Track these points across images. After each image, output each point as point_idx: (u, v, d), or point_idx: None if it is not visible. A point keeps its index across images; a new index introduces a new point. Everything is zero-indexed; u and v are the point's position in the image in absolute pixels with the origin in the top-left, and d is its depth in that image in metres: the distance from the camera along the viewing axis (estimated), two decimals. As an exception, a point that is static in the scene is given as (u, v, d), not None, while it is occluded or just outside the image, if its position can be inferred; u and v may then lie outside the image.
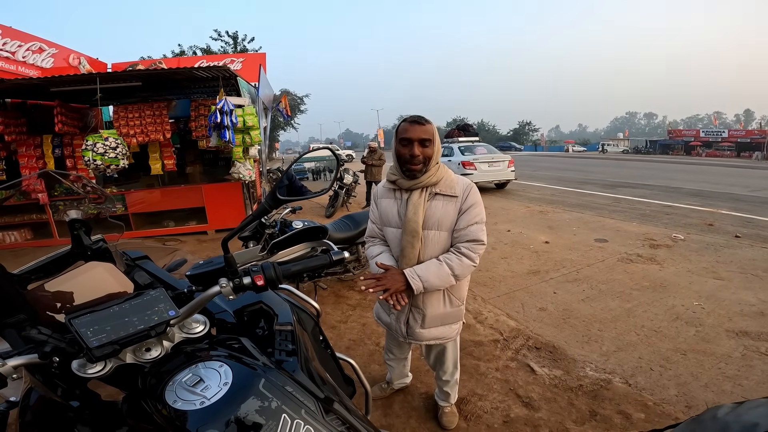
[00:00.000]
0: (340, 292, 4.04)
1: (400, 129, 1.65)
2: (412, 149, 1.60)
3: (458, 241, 1.67)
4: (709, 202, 8.71)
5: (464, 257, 1.64)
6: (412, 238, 1.66)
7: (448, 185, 1.68)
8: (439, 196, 1.67)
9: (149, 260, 1.24)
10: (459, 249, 1.66)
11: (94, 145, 5.61)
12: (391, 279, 1.60)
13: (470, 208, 1.66)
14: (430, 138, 1.61)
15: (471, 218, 1.66)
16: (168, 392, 0.71)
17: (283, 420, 0.69)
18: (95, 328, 0.73)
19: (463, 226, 1.66)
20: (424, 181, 1.65)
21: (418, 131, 1.60)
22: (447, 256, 1.66)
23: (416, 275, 1.61)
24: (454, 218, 1.67)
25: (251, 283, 0.87)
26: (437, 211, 1.67)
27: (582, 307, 3.58)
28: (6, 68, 7.35)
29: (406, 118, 1.66)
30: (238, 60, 11.61)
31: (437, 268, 1.63)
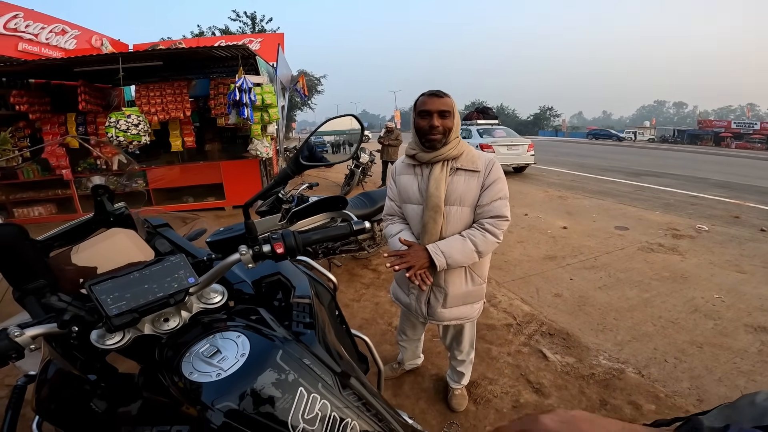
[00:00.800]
0: (354, 271, 4.07)
1: (418, 102, 1.64)
2: (431, 120, 1.58)
3: (481, 216, 1.65)
4: (736, 194, 8.42)
5: (488, 233, 1.62)
6: (435, 214, 1.63)
7: (470, 160, 1.65)
8: (461, 171, 1.64)
9: (170, 228, 1.23)
10: (482, 225, 1.63)
11: (117, 122, 5.78)
12: (415, 255, 1.59)
13: (493, 183, 1.63)
14: (449, 110, 1.59)
15: (494, 194, 1.63)
16: (185, 364, 0.70)
17: (299, 393, 0.68)
18: (115, 295, 0.73)
19: (486, 201, 1.63)
20: (444, 153, 1.62)
21: (437, 103, 1.58)
22: (470, 232, 1.64)
23: (439, 251, 1.60)
24: (477, 194, 1.64)
25: (271, 251, 0.84)
26: (459, 187, 1.64)
27: (598, 294, 3.53)
28: (29, 50, 7.46)
29: (424, 92, 1.65)
30: (257, 40, 11.56)
31: (461, 244, 1.61)
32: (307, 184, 4.08)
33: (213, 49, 6.07)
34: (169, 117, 6.62)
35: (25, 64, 6.09)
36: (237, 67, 6.31)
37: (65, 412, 0.75)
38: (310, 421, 0.67)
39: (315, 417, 0.68)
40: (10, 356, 0.65)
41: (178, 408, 0.68)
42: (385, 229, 1.88)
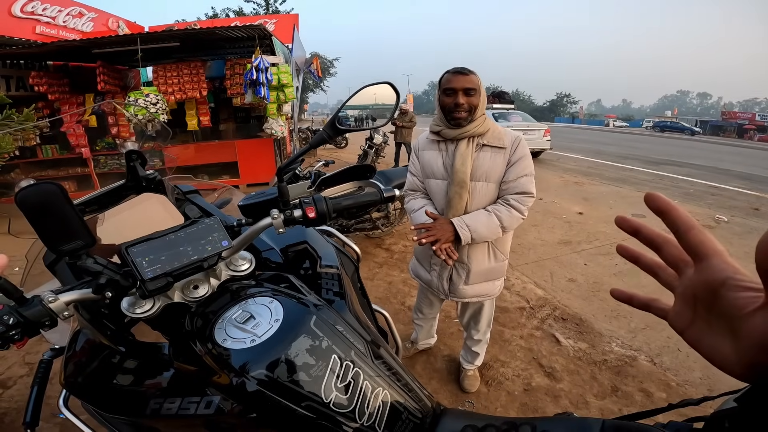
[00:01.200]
0: (368, 249, 4.08)
1: (443, 80, 1.61)
2: (456, 98, 1.56)
3: (507, 193, 1.65)
4: (759, 187, 8.21)
5: (513, 209, 1.61)
6: (461, 189, 1.63)
7: (496, 137, 1.64)
8: (487, 147, 1.63)
9: (199, 195, 1.23)
10: (508, 201, 1.63)
11: (135, 101, 5.91)
12: (441, 229, 1.59)
13: (520, 160, 1.63)
14: (474, 87, 1.57)
15: (521, 170, 1.62)
16: (218, 330, 0.69)
17: (333, 360, 0.67)
18: (150, 257, 0.72)
19: (512, 178, 1.63)
20: (470, 130, 1.61)
21: (462, 81, 1.56)
22: (496, 207, 1.64)
23: (465, 225, 1.60)
24: (503, 170, 1.64)
25: (302, 215, 0.84)
26: (485, 163, 1.63)
27: (613, 281, 3.50)
28: (47, 32, 7.49)
29: (449, 69, 1.62)
30: (271, 21, 11.44)
31: (486, 218, 1.61)
32: (323, 161, 4.09)
33: (230, 29, 6.09)
34: (186, 97, 6.76)
35: (43, 47, 6.17)
36: (252, 48, 6.34)
37: (94, 386, 0.75)
38: (342, 389, 0.66)
39: (348, 385, 0.67)
40: (43, 324, 0.63)
41: (209, 378, 0.68)
42: (407, 204, 1.87)
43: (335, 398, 0.65)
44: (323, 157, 5.60)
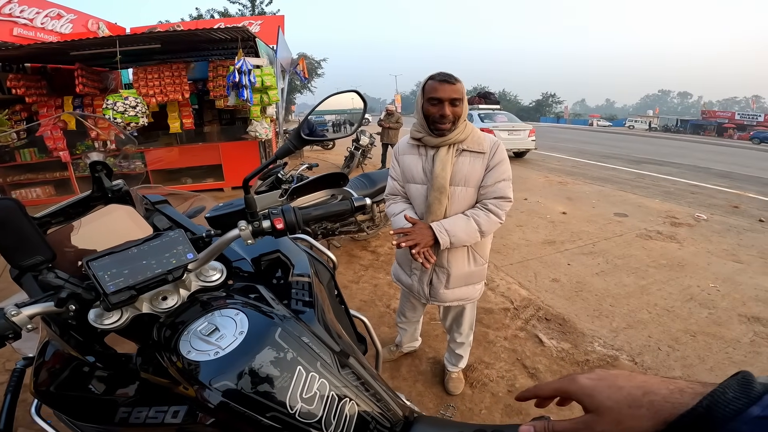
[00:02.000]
0: (353, 252, 4.07)
1: (428, 87, 1.58)
2: (442, 109, 1.55)
3: (485, 197, 1.66)
4: (737, 185, 8.40)
5: (491, 213, 1.63)
6: (440, 194, 1.64)
7: (476, 141, 1.65)
8: (467, 152, 1.64)
9: (169, 204, 1.22)
10: (486, 205, 1.65)
11: (114, 104, 5.78)
12: (420, 233, 1.60)
13: (498, 164, 1.65)
14: (460, 97, 1.56)
15: (498, 175, 1.64)
16: (182, 342, 0.70)
17: (298, 372, 0.68)
18: (113, 271, 0.72)
19: (490, 182, 1.64)
20: (452, 138, 1.61)
21: (449, 91, 1.54)
22: (474, 212, 1.65)
23: (444, 229, 1.60)
24: (481, 174, 1.65)
25: (271, 226, 0.83)
26: (464, 167, 1.64)
27: (595, 280, 3.55)
28: (25, 35, 7.43)
29: (434, 75, 1.59)
30: (257, 22, 11.41)
31: (465, 223, 1.62)
32: (306, 165, 4.05)
33: (212, 31, 6.03)
34: (168, 99, 6.68)
35: (20, 49, 6.06)
36: (236, 49, 6.30)
37: (64, 395, 0.74)
38: (308, 400, 0.66)
39: (313, 396, 0.67)
40: (6, 336, 0.64)
41: (176, 388, 0.68)
42: (388, 208, 1.87)
43: (301, 409, 0.65)
44: (308, 160, 5.57)
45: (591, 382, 0.48)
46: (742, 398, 0.36)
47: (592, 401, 0.46)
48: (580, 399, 0.48)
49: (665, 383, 0.43)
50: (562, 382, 0.51)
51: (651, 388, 0.43)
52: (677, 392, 0.41)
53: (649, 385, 0.43)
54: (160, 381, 0.70)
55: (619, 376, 0.47)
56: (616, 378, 0.47)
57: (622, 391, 0.45)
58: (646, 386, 0.43)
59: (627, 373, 0.47)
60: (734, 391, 0.37)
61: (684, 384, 0.41)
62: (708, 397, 0.38)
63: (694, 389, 0.40)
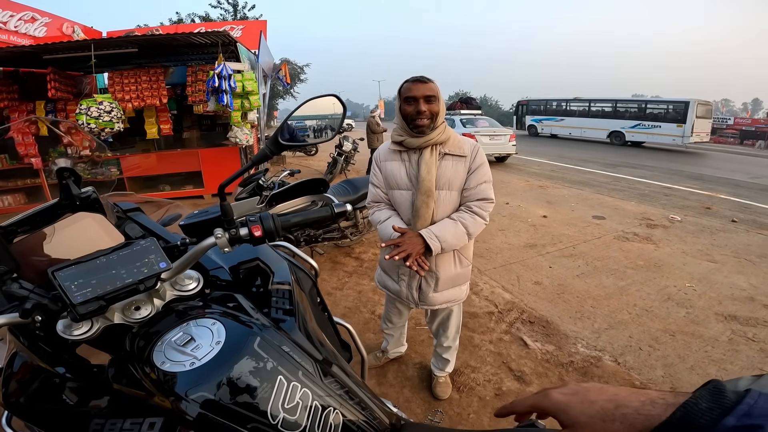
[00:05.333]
0: (337, 258, 4.05)
1: (403, 89, 1.64)
2: (417, 106, 1.59)
3: (468, 200, 1.70)
4: (709, 186, 8.69)
5: (476, 215, 1.66)
6: (427, 198, 1.65)
7: (457, 145, 1.69)
8: (449, 156, 1.68)
9: (141, 212, 1.19)
10: (470, 208, 1.68)
11: (88, 109, 5.66)
12: (411, 242, 1.60)
13: (479, 167, 1.69)
14: (434, 95, 1.60)
15: (480, 177, 1.68)
16: (156, 353, 0.68)
17: (279, 381, 0.66)
18: (80, 281, 0.69)
19: (473, 185, 1.68)
20: (433, 138, 1.64)
21: (422, 88, 1.59)
22: (460, 215, 1.68)
23: (434, 235, 1.62)
24: (464, 178, 1.69)
25: (248, 234, 0.82)
26: (448, 171, 1.67)
27: (576, 282, 3.61)
28: None
29: (408, 78, 1.65)
30: (238, 27, 11.31)
31: (453, 227, 1.64)
32: (288, 171, 4.02)
33: (192, 36, 5.97)
34: (145, 104, 6.54)
35: None
36: (217, 54, 6.20)
37: (35, 407, 0.72)
38: (290, 410, 0.65)
39: (296, 406, 0.66)
40: None
41: (152, 399, 0.66)
42: (372, 216, 1.87)
43: (283, 419, 0.64)
44: (291, 166, 5.52)
45: (564, 397, 0.49)
46: (715, 409, 0.37)
47: (567, 417, 0.47)
48: (555, 414, 0.49)
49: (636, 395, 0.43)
50: (537, 398, 0.52)
51: (622, 401, 0.43)
52: (649, 404, 0.41)
53: (620, 398, 0.44)
54: (135, 392, 0.68)
55: (591, 390, 0.47)
56: (587, 392, 0.47)
57: (594, 405, 0.45)
58: (617, 399, 0.44)
59: (598, 387, 0.48)
60: (707, 401, 0.38)
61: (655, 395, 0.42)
62: (681, 408, 0.38)
63: (666, 400, 0.41)
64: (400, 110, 1.67)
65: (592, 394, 0.47)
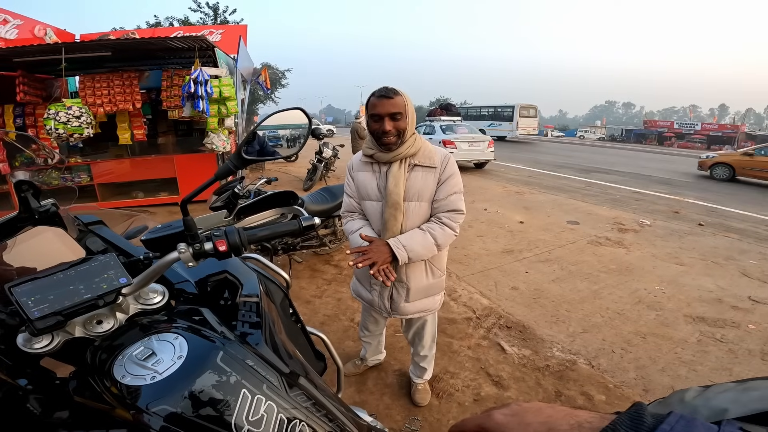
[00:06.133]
0: (316, 266, 4.02)
1: (369, 104, 1.61)
2: (382, 124, 1.57)
3: (438, 211, 1.69)
4: (677, 191, 9.01)
5: (446, 227, 1.66)
6: (395, 210, 1.65)
7: (427, 156, 1.68)
8: (419, 167, 1.67)
9: (104, 225, 1.17)
10: (440, 219, 1.67)
11: (56, 114, 5.50)
12: (377, 251, 1.59)
13: (449, 178, 1.67)
14: (400, 111, 1.57)
15: (450, 188, 1.67)
16: (117, 367, 0.68)
17: (242, 395, 0.67)
18: (37, 297, 0.69)
19: (443, 196, 1.67)
20: (402, 152, 1.63)
21: (387, 105, 1.55)
22: (429, 226, 1.67)
23: (401, 245, 1.61)
24: (434, 189, 1.68)
25: (213, 248, 0.81)
26: (417, 182, 1.66)
27: (552, 287, 3.68)
28: None
29: (375, 91, 1.60)
30: (218, 31, 11.16)
31: (422, 237, 1.64)
32: (265, 179, 3.97)
33: (168, 40, 5.86)
34: (117, 109, 6.36)
35: None
36: (194, 58, 6.10)
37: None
38: (255, 423, 0.66)
39: (261, 419, 0.66)
40: None
41: (114, 412, 0.65)
42: (345, 225, 1.88)
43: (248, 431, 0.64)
44: (269, 173, 5.47)
45: (504, 418, 0.50)
46: None
47: None
48: None
49: (568, 417, 0.45)
50: (482, 418, 0.53)
51: (554, 424, 0.45)
52: (576, 427, 0.43)
53: (553, 421, 0.45)
54: (97, 405, 0.67)
55: (530, 411, 0.48)
56: (526, 413, 0.48)
57: (529, 428, 0.46)
58: (550, 422, 0.45)
59: (538, 407, 0.49)
60: (625, 426, 0.38)
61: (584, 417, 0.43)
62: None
63: (592, 424, 0.42)
64: (367, 125, 1.65)
65: (529, 416, 0.48)
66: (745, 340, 2.87)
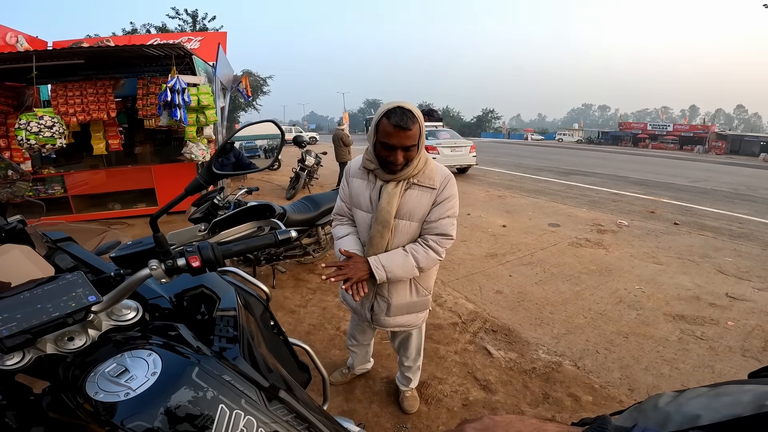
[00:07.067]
0: (300, 276, 3.98)
1: (381, 128, 1.46)
2: (394, 156, 1.47)
3: (427, 232, 1.63)
4: (652, 191, 9.26)
5: (431, 250, 1.61)
6: (383, 228, 1.60)
7: (428, 176, 1.60)
8: (416, 186, 1.59)
9: (73, 242, 1.15)
10: (427, 241, 1.62)
11: (27, 124, 5.34)
12: (354, 268, 1.56)
13: (445, 201, 1.61)
14: (415, 143, 1.46)
15: (443, 211, 1.61)
16: (89, 384, 0.67)
17: (220, 410, 0.66)
18: (4, 316, 0.68)
19: (434, 218, 1.61)
20: (404, 175, 1.56)
21: (403, 138, 1.43)
22: (413, 247, 1.63)
23: (381, 265, 1.58)
24: (428, 209, 1.62)
25: (186, 264, 0.80)
26: (411, 201, 1.60)
27: (535, 289, 3.72)
28: None
29: (390, 112, 1.43)
30: (196, 39, 11.01)
31: (403, 259, 1.60)
32: (246, 189, 3.92)
33: (144, 48, 5.73)
34: (91, 118, 6.19)
35: None
36: (171, 66, 6.00)
37: None
38: None
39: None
40: None
41: (88, 428, 0.64)
42: (334, 228, 1.85)
43: None
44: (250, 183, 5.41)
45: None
46: None
47: None
48: None
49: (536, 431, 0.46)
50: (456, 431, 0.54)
51: None
52: None
53: None
54: (72, 421, 0.66)
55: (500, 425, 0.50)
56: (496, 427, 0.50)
57: None
58: None
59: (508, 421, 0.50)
60: None
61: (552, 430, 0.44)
62: None
63: None
64: (374, 146, 1.54)
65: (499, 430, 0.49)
66: (725, 336, 2.94)
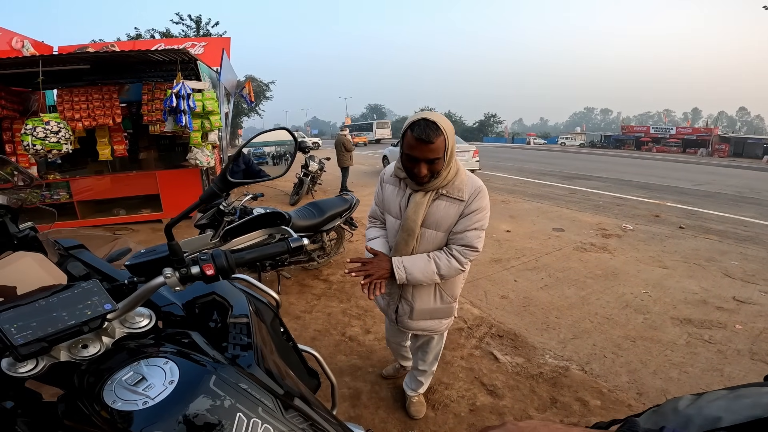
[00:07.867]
0: (305, 282, 3.99)
1: (406, 140, 1.47)
2: (418, 168, 1.48)
3: (452, 242, 1.64)
4: (657, 195, 9.23)
5: (453, 259, 1.61)
6: (408, 236, 1.63)
7: (457, 188, 1.58)
8: (444, 197, 1.59)
9: (85, 249, 1.16)
10: (451, 250, 1.63)
11: (33, 129, 5.34)
12: (376, 265, 1.60)
13: (473, 213, 1.58)
14: (439, 156, 1.45)
15: (471, 223, 1.59)
16: (107, 392, 0.67)
17: (238, 419, 0.66)
18: (20, 324, 0.68)
19: (460, 229, 1.60)
20: (432, 186, 1.57)
21: (425, 151, 1.43)
22: (437, 254, 1.64)
23: (402, 266, 1.61)
24: (455, 220, 1.61)
25: (200, 272, 0.81)
26: (438, 211, 1.60)
27: (541, 294, 3.71)
28: None
29: (414, 124, 1.44)
30: (200, 44, 11.10)
31: (424, 264, 1.62)
32: (251, 195, 3.93)
33: (149, 53, 5.76)
34: (96, 123, 6.23)
35: None
36: (176, 71, 6.02)
37: None
38: None
39: None
40: None
41: None
42: (367, 230, 1.91)
43: None
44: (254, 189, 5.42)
45: None
46: None
47: None
48: None
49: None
50: None
51: None
52: None
53: None
54: (88, 429, 0.66)
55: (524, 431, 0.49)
56: None
57: None
58: None
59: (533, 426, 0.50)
60: None
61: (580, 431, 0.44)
62: None
63: None
64: (401, 156, 1.56)
65: None
66: (733, 340, 2.92)
